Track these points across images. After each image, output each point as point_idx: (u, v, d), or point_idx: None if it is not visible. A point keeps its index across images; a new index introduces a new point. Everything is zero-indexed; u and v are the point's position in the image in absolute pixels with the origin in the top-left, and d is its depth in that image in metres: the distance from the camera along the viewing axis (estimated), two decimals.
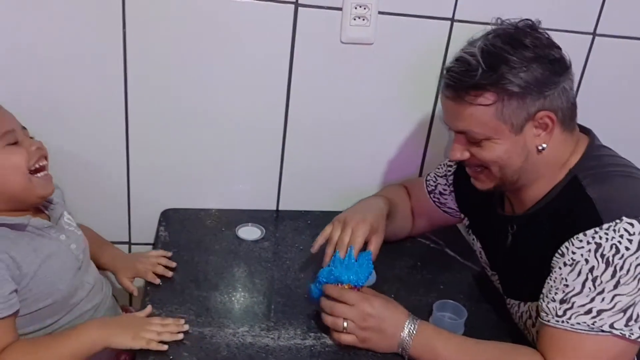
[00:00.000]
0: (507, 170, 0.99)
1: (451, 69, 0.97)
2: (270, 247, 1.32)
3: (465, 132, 0.98)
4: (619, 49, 1.39)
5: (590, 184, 0.95)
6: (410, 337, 0.99)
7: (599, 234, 0.89)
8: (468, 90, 0.94)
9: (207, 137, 1.36)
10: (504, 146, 0.96)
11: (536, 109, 0.94)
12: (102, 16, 1.20)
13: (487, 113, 0.94)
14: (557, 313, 0.92)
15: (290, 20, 1.26)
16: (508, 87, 0.92)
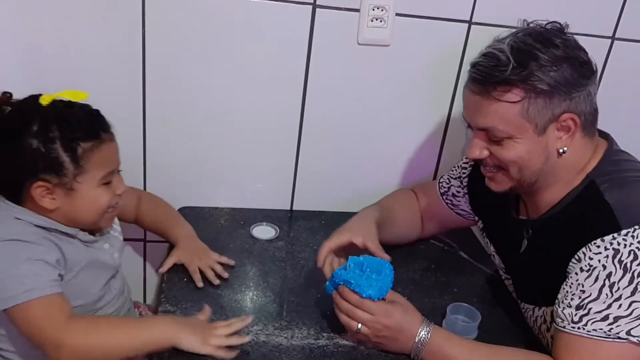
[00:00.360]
0: (525, 171, 0.98)
1: (479, 63, 0.96)
2: (284, 246, 1.32)
3: (487, 130, 0.97)
4: (638, 53, 1.38)
5: (608, 190, 0.94)
6: (423, 344, 0.98)
7: (617, 239, 0.88)
8: (496, 85, 0.93)
9: (223, 137, 1.36)
10: (525, 146, 0.96)
11: (561, 111, 0.94)
12: (122, 16, 1.21)
13: (512, 110, 0.93)
14: (572, 319, 0.92)
15: (308, 21, 1.27)
16: (537, 84, 0.92)
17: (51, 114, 0.94)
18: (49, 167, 0.94)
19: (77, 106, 0.97)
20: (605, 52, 1.38)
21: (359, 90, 1.35)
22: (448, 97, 1.39)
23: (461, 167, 1.27)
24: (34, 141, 0.93)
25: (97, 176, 0.97)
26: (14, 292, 0.91)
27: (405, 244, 1.31)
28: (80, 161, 0.95)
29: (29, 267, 0.93)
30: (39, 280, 0.93)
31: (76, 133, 0.94)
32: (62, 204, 0.97)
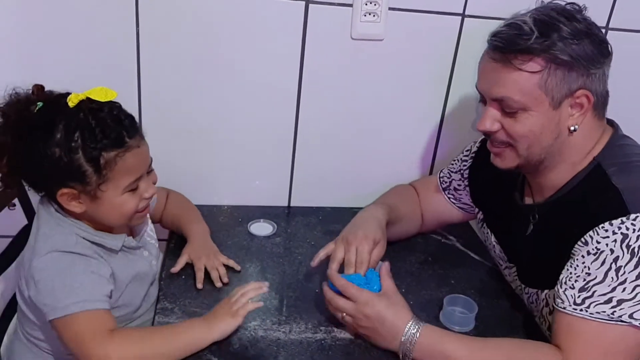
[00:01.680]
0: (534, 148, 0.98)
1: (501, 32, 0.96)
2: (281, 242, 1.33)
3: (503, 100, 0.96)
4: (632, 42, 1.38)
5: (616, 174, 0.94)
6: (412, 343, 0.96)
7: (625, 224, 0.89)
8: (517, 53, 0.93)
9: (219, 134, 1.37)
10: (539, 120, 0.96)
11: (578, 86, 0.94)
12: (115, 16, 1.22)
13: (531, 81, 0.94)
14: (575, 301, 0.92)
15: (301, 16, 1.27)
16: (559, 55, 0.92)
17: (76, 120, 0.91)
18: (71, 175, 0.93)
19: (106, 109, 0.93)
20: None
21: (354, 85, 1.35)
22: (443, 90, 1.39)
23: (461, 160, 1.27)
24: (57, 150, 0.91)
25: (121, 185, 0.95)
26: (66, 303, 0.91)
27: (403, 239, 1.31)
28: (103, 171, 0.92)
29: (83, 280, 0.94)
30: (91, 293, 0.93)
31: (99, 142, 0.91)
32: (88, 209, 0.97)
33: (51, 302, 0.92)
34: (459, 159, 1.28)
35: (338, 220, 1.39)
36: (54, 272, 0.93)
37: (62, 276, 0.93)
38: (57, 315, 0.92)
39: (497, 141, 1.02)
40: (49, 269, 0.93)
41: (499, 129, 0.99)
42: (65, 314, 0.91)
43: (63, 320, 0.92)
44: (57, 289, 0.92)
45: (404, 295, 1.04)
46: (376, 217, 1.15)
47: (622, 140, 1.01)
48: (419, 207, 1.32)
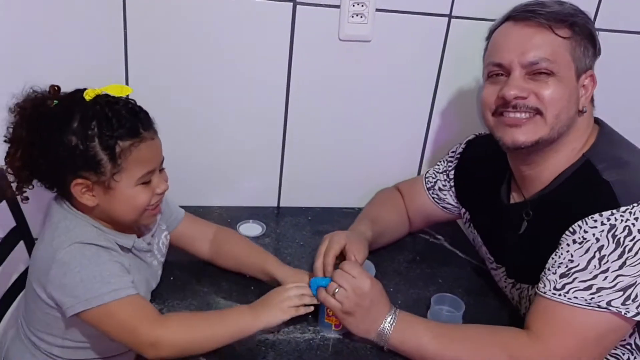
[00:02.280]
0: (562, 116, 0.99)
1: (527, 5, 1.01)
2: (271, 243, 1.33)
3: (537, 63, 0.98)
4: (618, 43, 1.39)
5: (606, 169, 0.96)
6: (391, 327, 0.98)
7: (614, 215, 0.91)
8: (549, 17, 0.98)
9: (208, 136, 1.37)
10: (567, 88, 0.99)
11: (589, 65, 1.00)
12: (103, 16, 1.22)
13: (563, 45, 0.98)
14: (555, 286, 0.93)
15: (289, 18, 1.28)
16: (585, 25, 1.00)
17: (92, 111, 0.93)
18: (87, 164, 0.93)
19: (121, 102, 0.96)
20: None
21: (342, 85, 1.36)
22: (430, 90, 1.40)
23: (447, 161, 1.28)
24: (73, 138, 0.92)
25: (135, 175, 0.96)
26: (99, 292, 0.92)
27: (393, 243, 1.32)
28: (118, 160, 0.93)
29: (111, 268, 0.94)
30: (123, 280, 0.94)
31: (115, 131, 0.93)
32: (101, 202, 0.97)
33: (83, 294, 0.91)
34: (445, 160, 1.29)
35: (327, 221, 1.41)
36: (81, 263, 0.93)
37: (91, 266, 0.93)
38: (92, 305, 0.91)
39: (525, 107, 0.99)
40: (75, 260, 0.93)
41: (528, 95, 0.99)
42: (101, 303, 0.91)
43: (99, 309, 0.92)
44: (86, 280, 0.92)
45: (392, 294, 1.06)
46: (359, 232, 1.17)
47: (609, 136, 1.03)
48: (405, 211, 1.32)
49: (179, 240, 1.18)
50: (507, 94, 0.99)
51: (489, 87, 1.04)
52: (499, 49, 1.03)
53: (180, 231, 1.18)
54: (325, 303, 1.00)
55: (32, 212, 1.22)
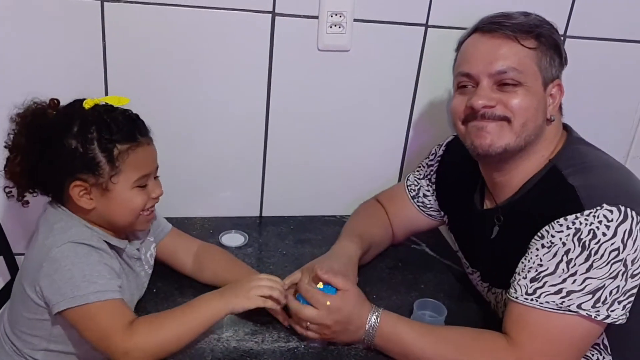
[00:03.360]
0: (529, 125, 1.00)
1: (493, 17, 1.03)
2: (253, 252, 1.33)
3: (504, 72, 0.99)
4: (589, 50, 1.43)
5: (571, 174, 0.98)
6: (374, 329, 1.00)
7: (579, 219, 0.92)
8: (516, 31, 1.00)
9: (189, 146, 1.37)
10: (534, 98, 1.00)
11: (557, 74, 1.02)
12: (82, 30, 1.22)
13: (529, 56, 1.00)
14: (527, 291, 0.95)
15: (268, 29, 1.29)
16: (551, 36, 1.02)
17: (92, 117, 0.97)
18: (86, 166, 0.97)
19: (119, 110, 1.00)
20: None
21: (322, 95, 1.37)
22: (409, 98, 1.42)
23: (427, 165, 1.29)
24: (73, 141, 0.96)
25: (132, 178, 0.99)
26: (85, 291, 0.93)
27: None
28: (116, 162, 0.97)
29: (101, 270, 0.96)
30: (109, 283, 0.96)
31: (114, 135, 0.97)
32: (98, 204, 1.00)
33: (70, 291, 0.93)
34: (425, 164, 1.30)
35: (309, 229, 1.42)
36: (73, 261, 0.94)
37: (81, 265, 0.95)
38: (76, 303, 0.93)
39: (493, 116, 1.01)
40: (68, 258, 0.95)
41: (496, 104, 1.00)
42: (84, 302, 0.92)
43: (81, 309, 0.93)
44: (76, 278, 0.93)
45: (374, 301, 1.06)
46: (348, 254, 1.16)
47: (576, 142, 1.05)
48: (389, 225, 1.32)
49: (163, 253, 1.19)
50: (475, 104, 1.01)
51: (458, 97, 1.06)
52: (467, 60, 1.04)
53: (165, 244, 1.19)
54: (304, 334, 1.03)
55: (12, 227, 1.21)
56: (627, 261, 0.91)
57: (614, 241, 0.91)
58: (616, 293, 0.92)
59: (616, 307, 0.92)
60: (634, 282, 0.93)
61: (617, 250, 0.91)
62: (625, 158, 1.57)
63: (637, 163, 1.56)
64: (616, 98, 1.50)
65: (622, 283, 0.92)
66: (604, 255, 0.91)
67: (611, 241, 0.91)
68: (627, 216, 0.91)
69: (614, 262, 0.91)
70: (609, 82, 1.48)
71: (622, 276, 0.92)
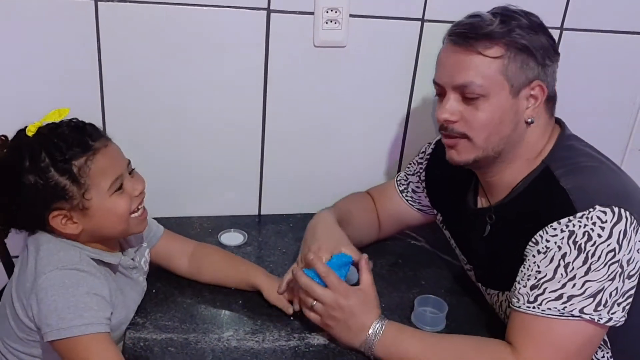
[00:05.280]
0: (493, 137, 0.99)
1: (462, 22, 1.00)
2: (253, 251, 1.33)
3: (465, 86, 0.97)
4: (587, 42, 1.42)
5: (563, 175, 0.97)
6: (376, 336, 0.98)
7: (572, 222, 0.91)
8: (479, 39, 0.96)
9: (186, 146, 1.37)
10: (499, 108, 0.97)
11: (534, 76, 0.97)
12: (76, 29, 1.21)
13: (493, 66, 0.96)
14: (528, 299, 0.94)
15: (263, 26, 1.28)
16: (519, 40, 0.96)
17: (37, 143, 0.93)
18: (53, 195, 0.93)
19: (63, 124, 0.96)
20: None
21: (319, 91, 1.37)
22: (406, 93, 1.41)
23: (417, 163, 1.29)
24: (30, 176, 0.92)
25: (104, 187, 0.95)
26: (71, 324, 0.90)
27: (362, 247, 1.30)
28: (80, 179, 0.93)
29: (88, 301, 0.93)
30: (96, 315, 0.92)
31: (66, 153, 0.92)
32: (85, 225, 0.96)
33: (55, 323, 0.90)
34: (415, 162, 1.29)
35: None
36: (58, 291, 0.92)
37: (68, 295, 0.92)
38: (61, 336, 0.90)
39: (453, 133, 1.01)
40: (53, 288, 0.92)
41: (458, 119, 1.00)
42: (69, 335, 0.90)
43: (67, 341, 0.90)
44: (61, 309, 0.91)
45: None
46: (326, 221, 1.16)
47: (568, 140, 1.04)
48: (375, 214, 1.31)
49: (158, 257, 1.17)
50: (439, 117, 1.01)
51: (438, 104, 1.05)
52: (437, 69, 1.03)
53: (159, 248, 1.17)
54: (307, 316, 1.02)
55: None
56: (622, 262, 0.91)
57: (609, 242, 0.90)
58: (615, 295, 0.92)
59: (616, 310, 0.92)
60: (630, 282, 0.93)
61: (613, 252, 0.90)
62: (623, 151, 1.56)
63: (635, 155, 1.56)
64: (614, 90, 1.49)
65: (620, 284, 0.92)
66: (601, 257, 0.90)
67: (607, 242, 0.90)
68: (622, 217, 0.90)
69: (612, 264, 0.90)
70: (607, 75, 1.47)
71: (619, 277, 0.91)
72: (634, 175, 1.04)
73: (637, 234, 0.91)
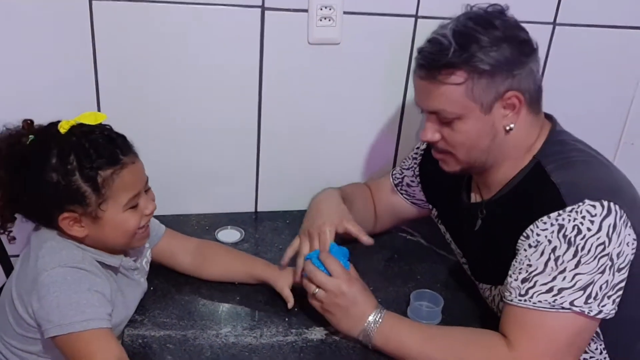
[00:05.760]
0: (474, 152, 1.02)
1: (423, 49, 1.00)
2: (250, 248, 1.33)
3: (437, 112, 1.00)
4: (579, 37, 1.43)
5: (554, 170, 0.98)
6: (375, 325, 1.00)
7: (562, 216, 0.92)
8: (440, 69, 0.96)
9: (182, 144, 1.37)
10: (474, 126, 0.99)
11: (505, 89, 0.97)
12: (71, 29, 1.21)
13: (457, 92, 0.97)
14: (520, 292, 0.95)
15: (258, 23, 1.28)
16: (479, 65, 0.95)
17: (69, 143, 0.93)
18: (71, 198, 0.93)
19: (97, 131, 0.95)
20: (548, 38, 1.43)
21: (314, 89, 1.37)
22: (400, 90, 1.42)
23: (412, 158, 1.30)
24: (54, 174, 0.92)
25: (121, 202, 0.96)
26: (72, 320, 0.90)
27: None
28: (102, 189, 0.93)
29: (90, 297, 0.93)
30: (97, 312, 0.93)
31: (94, 162, 0.93)
32: (90, 231, 0.97)
33: (57, 319, 0.91)
34: (410, 157, 1.31)
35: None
36: (60, 288, 0.92)
37: (70, 292, 0.92)
38: (63, 331, 0.90)
39: (438, 150, 1.06)
40: (55, 285, 0.92)
41: (439, 139, 1.03)
42: (71, 331, 0.90)
43: (68, 337, 0.91)
44: (63, 305, 0.91)
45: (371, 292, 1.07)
46: (332, 197, 1.19)
47: (559, 135, 1.05)
48: (372, 204, 1.34)
49: (160, 255, 1.18)
50: (422, 138, 1.05)
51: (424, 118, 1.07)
52: (414, 92, 1.05)
53: (161, 247, 1.18)
54: (310, 301, 1.03)
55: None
56: (612, 255, 0.92)
57: (599, 236, 0.91)
58: (605, 288, 0.93)
59: (606, 302, 0.93)
60: (620, 275, 0.94)
61: (602, 245, 0.91)
62: (617, 144, 1.57)
63: (628, 149, 1.57)
64: (607, 85, 1.50)
65: (610, 277, 0.93)
66: (591, 250, 0.91)
67: (596, 236, 0.91)
68: (611, 211, 0.91)
69: (601, 257, 0.91)
70: (599, 69, 1.48)
71: (609, 270, 0.92)
72: (627, 169, 1.06)
73: (626, 227, 0.92)
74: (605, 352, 1.05)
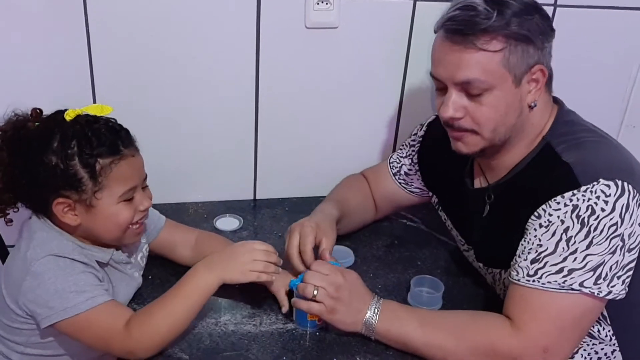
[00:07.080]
0: (500, 129, 0.98)
1: (456, 16, 0.95)
2: (248, 236, 1.33)
3: (468, 83, 0.95)
4: (580, 19, 1.41)
5: (565, 150, 0.97)
6: (376, 314, 0.99)
7: (576, 195, 0.91)
8: (478, 34, 0.93)
9: (179, 132, 1.36)
10: (504, 99, 0.96)
11: (534, 61, 0.96)
12: (65, 17, 1.19)
13: (495, 60, 0.94)
14: (528, 272, 0.94)
15: (254, 7, 1.26)
16: (518, 31, 0.93)
17: (72, 130, 0.94)
18: (68, 183, 0.94)
19: (102, 121, 0.97)
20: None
21: (312, 73, 1.35)
22: (400, 74, 1.40)
23: (409, 145, 1.28)
24: (53, 157, 0.93)
25: (117, 192, 0.96)
26: (75, 301, 0.92)
27: (360, 228, 1.32)
28: (99, 177, 0.94)
29: (86, 278, 0.95)
30: (97, 288, 0.95)
31: (95, 149, 0.93)
32: (83, 220, 0.97)
33: (59, 304, 0.91)
34: (407, 144, 1.29)
35: (304, 211, 1.39)
36: (55, 274, 0.93)
37: (65, 277, 0.93)
38: (68, 315, 0.91)
39: (460, 127, 1.00)
40: (49, 272, 0.93)
41: (463, 115, 0.98)
42: (77, 312, 0.91)
43: (76, 319, 0.92)
44: (62, 290, 0.92)
45: (372, 279, 1.08)
46: (326, 212, 1.18)
47: (567, 116, 1.04)
48: (371, 196, 1.32)
49: (161, 247, 1.17)
50: (443, 115, 0.99)
51: (438, 98, 1.02)
52: (435, 63, 1.00)
53: (162, 239, 1.17)
54: (310, 311, 1.01)
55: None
56: (624, 236, 0.91)
57: (612, 216, 0.90)
58: (615, 268, 0.92)
59: (616, 283, 0.92)
60: (631, 256, 0.93)
61: (615, 225, 0.90)
62: (618, 127, 1.56)
63: (630, 132, 1.56)
64: (608, 67, 1.48)
65: (620, 258, 0.92)
66: (604, 231, 0.90)
67: (610, 216, 0.90)
68: (625, 190, 0.90)
69: (613, 237, 0.91)
70: (601, 51, 1.46)
71: (620, 251, 0.91)
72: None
73: (639, 207, 0.92)
74: (614, 338, 1.04)
